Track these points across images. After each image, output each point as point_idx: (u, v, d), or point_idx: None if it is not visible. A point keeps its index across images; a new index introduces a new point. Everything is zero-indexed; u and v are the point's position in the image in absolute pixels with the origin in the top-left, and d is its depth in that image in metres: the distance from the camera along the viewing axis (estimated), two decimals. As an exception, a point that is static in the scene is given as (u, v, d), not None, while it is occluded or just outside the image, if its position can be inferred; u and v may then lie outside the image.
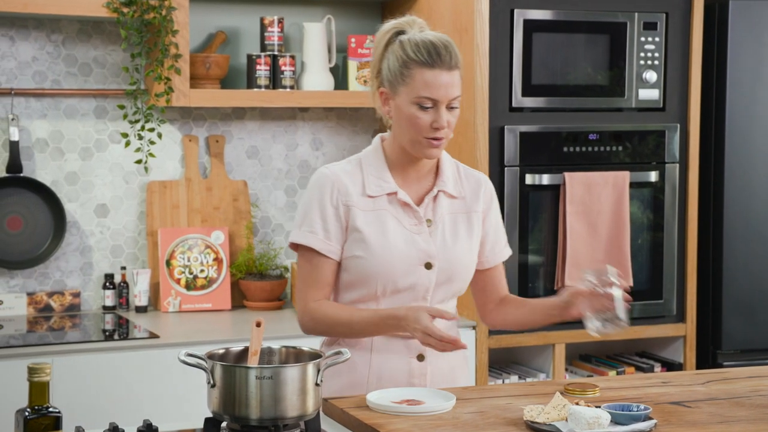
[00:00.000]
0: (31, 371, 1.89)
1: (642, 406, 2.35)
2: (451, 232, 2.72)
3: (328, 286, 2.71)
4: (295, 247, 2.73)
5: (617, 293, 2.57)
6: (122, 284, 4.21)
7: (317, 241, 2.68)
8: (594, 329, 2.62)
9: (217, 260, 4.28)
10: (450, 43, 2.63)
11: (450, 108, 2.62)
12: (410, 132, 2.64)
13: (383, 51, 2.68)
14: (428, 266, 2.68)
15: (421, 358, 2.69)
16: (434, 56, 2.60)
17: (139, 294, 4.17)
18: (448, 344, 2.49)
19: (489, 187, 2.82)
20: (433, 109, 2.61)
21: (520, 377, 4.24)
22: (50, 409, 1.91)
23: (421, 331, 2.50)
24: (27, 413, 1.90)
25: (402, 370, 2.69)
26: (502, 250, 2.84)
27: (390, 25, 2.69)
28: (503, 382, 4.18)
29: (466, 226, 2.75)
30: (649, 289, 4.31)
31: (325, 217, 2.69)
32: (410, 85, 2.61)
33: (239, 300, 4.33)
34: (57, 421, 1.91)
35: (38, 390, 1.89)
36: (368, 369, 2.70)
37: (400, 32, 2.67)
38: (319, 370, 2.25)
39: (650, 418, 2.32)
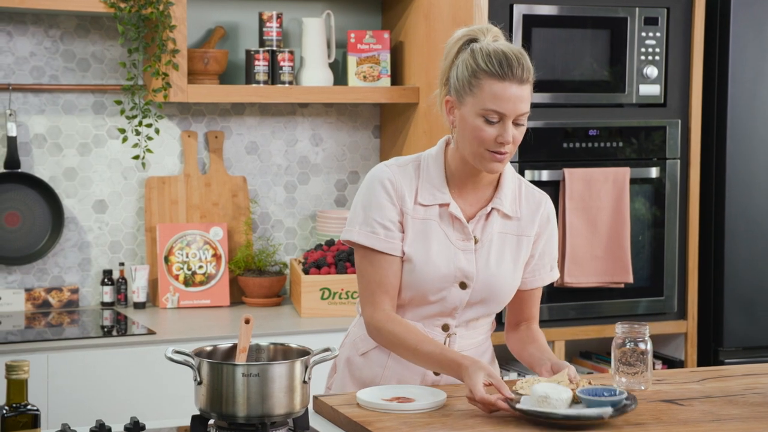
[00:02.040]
0: (9, 369, 1.88)
1: (618, 391, 2.33)
2: (496, 253, 2.64)
3: (393, 288, 2.62)
4: (352, 244, 2.66)
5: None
6: (120, 280, 4.20)
7: (379, 241, 2.61)
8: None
9: (216, 256, 4.26)
10: (523, 56, 2.54)
11: (516, 124, 2.53)
12: (473, 144, 2.54)
13: (453, 59, 2.60)
14: (463, 286, 2.62)
15: (437, 372, 2.65)
16: (505, 68, 2.50)
17: (138, 290, 4.16)
18: (489, 406, 2.37)
19: (547, 210, 2.72)
20: (499, 123, 2.51)
21: (519, 374, 4.22)
22: (28, 407, 1.90)
23: (469, 389, 2.38)
24: (5, 411, 1.89)
25: (416, 380, 2.66)
26: (544, 275, 2.74)
27: (462, 32, 2.61)
28: (502, 379, 4.15)
29: (515, 249, 2.66)
30: (650, 286, 4.29)
31: (386, 216, 2.61)
32: (478, 96, 2.52)
33: (238, 296, 4.32)
34: (35, 419, 1.90)
35: (16, 387, 1.88)
36: (383, 370, 2.68)
37: (473, 40, 2.59)
38: (306, 368, 2.24)
39: (624, 407, 2.30)
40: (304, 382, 2.24)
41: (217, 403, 2.20)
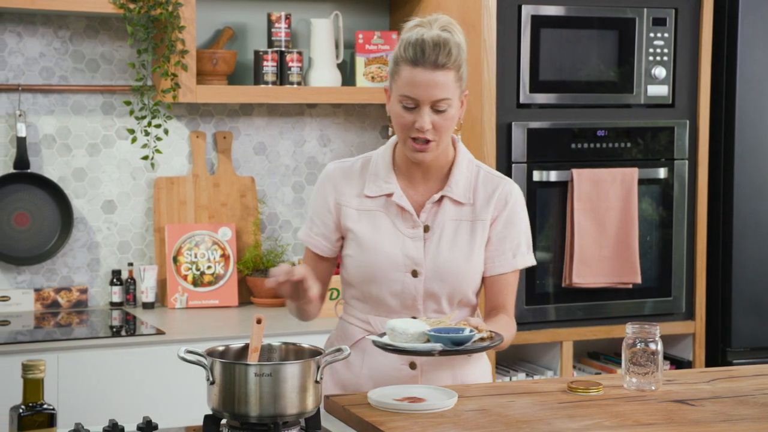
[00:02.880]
0: (26, 368, 1.89)
1: (468, 330, 2.41)
2: (449, 239, 2.64)
3: (314, 275, 2.63)
4: None
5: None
6: (129, 280, 4.21)
7: (306, 236, 2.74)
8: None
9: (224, 257, 4.27)
10: (444, 42, 2.52)
11: (437, 110, 2.53)
12: (398, 131, 2.60)
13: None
14: (414, 274, 2.63)
15: (413, 366, 2.66)
16: (419, 54, 2.51)
17: (146, 290, 4.17)
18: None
19: (504, 194, 2.68)
20: (416, 110, 2.53)
21: (527, 374, 4.22)
22: (44, 406, 1.90)
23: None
24: (21, 410, 1.89)
25: (394, 376, 2.66)
26: (504, 262, 2.69)
27: (413, 22, 2.63)
28: (510, 379, 4.16)
29: (469, 233, 2.66)
30: (658, 287, 4.29)
31: (318, 213, 2.72)
32: (398, 82, 2.55)
33: (246, 296, 4.32)
34: (51, 418, 1.90)
35: (33, 387, 1.89)
36: (361, 369, 2.69)
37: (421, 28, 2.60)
38: (319, 368, 2.25)
39: (475, 348, 2.40)
40: (316, 381, 2.24)
41: (230, 403, 2.20)
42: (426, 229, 2.65)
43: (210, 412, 2.26)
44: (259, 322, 2.32)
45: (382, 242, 2.64)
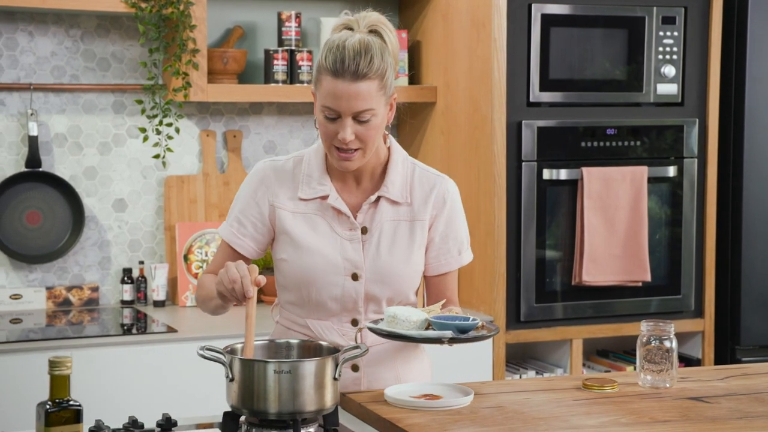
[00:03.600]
0: (53, 365, 1.90)
1: (471, 319, 2.40)
2: (388, 241, 2.57)
3: None
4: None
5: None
6: (140, 279, 4.22)
7: (231, 236, 2.61)
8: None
9: (235, 255, 4.27)
10: (365, 51, 2.42)
11: (359, 121, 2.44)
12: (323, 140, 2.51)
13: None
14: (355, 277, 2.55)
15: (355, 368, 2.60)
16: (338, 64, 2.41)
17: (157, 288, 4.18)
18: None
19: (442, 192, 2.62)
20: (338, 120, 2.44)
21: (537, 372, 4.24)
22: (71, 403, 1.92)
23: (236, 279, 2.33)
24: (48, 406, 1.91)
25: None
26: (450, 259, 2.64)
27: (341, 20, 2.54)
28: (520, 377, 4.18)
29: (408, 234, 2.58)
30: (667, 285, 4.31)
31: (245, 212, 2.61)
32: (320, 91, 2.46)
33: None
34: (77, 414, 1.92)
35: (59, 383, 1.91)
36: None
37: (348, 28, 2.51)
38: (337, 365, 2.26)
39: (478, 336, 2.39)
40: (335, 378, 2.25)
41: (249, 400, 2.21)
42: (364, 230, 2.57)
43: (229, 409, 2.27)
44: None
45: (320, 246, 2.55)
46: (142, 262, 4.24)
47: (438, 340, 2.37)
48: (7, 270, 4.11)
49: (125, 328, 3.92)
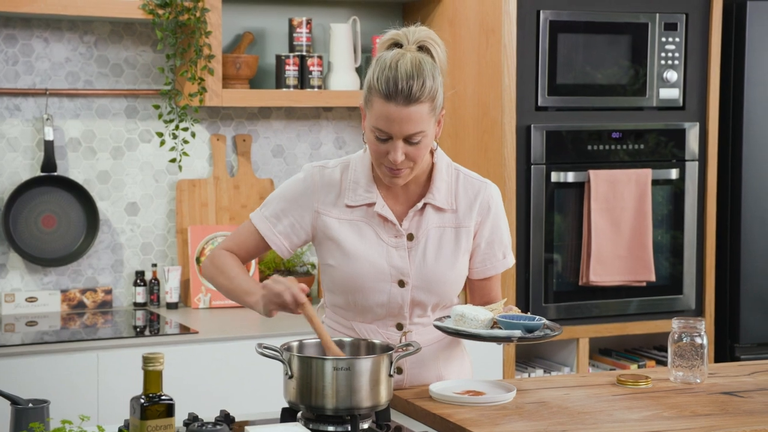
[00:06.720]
0: (146, 360, 1.96)
1: (537, 318, 2.51)
2: (433, 247, 2.59)
3: (246, 253, 2.65)
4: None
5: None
6: (153, 281, 4.27)
7: (267, 230, 2.62)
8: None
9: (247, 257, 4.33)
10: (417, 74, 2.41)
11: (410, 142, 2.45)
12: (372, 157, 2.52)
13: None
14: (401, 284, 2.58)
15: (399, 370, 2.63)
16: (391, 88, 2.40)
17: (170, 291, 4.23)
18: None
19: (486, 198, 2.65)
20: (389, 142, 2.45)
21: (545, 371, 4.32)
22: (163, 397, 1.98)
23: (283, 290, 2.42)
24: (142, 400, 1.97)
25: None
26: (496, 263, 2.68)
27: (388, 36, 2.52)
28: (529, 375, 4.26)
29: (453, 241, 2.61)
30: (668, 284, 4.40)
31: (285, 212, 2.62)
32: (371, 111, 2.46)
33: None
34: (170, 408, 1.98)
35: (152, 378, 1.97)
36: None
37: (396, 44, 2.51)
38: (392, 362, 2.33)
39: (541, 332, 2.49)
40: (390, 375, 2.32)
41: (307, 396, 2.28)
42: (410, 237, 2.59)
43: (286, 405, 2.33)
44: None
45: (366, 253, 2.56)
46: (155, 265, 4.29)
47: (507, 339, 2.45)
48: (23, 273, 4.15)
49: (138, 330, 3.97)
